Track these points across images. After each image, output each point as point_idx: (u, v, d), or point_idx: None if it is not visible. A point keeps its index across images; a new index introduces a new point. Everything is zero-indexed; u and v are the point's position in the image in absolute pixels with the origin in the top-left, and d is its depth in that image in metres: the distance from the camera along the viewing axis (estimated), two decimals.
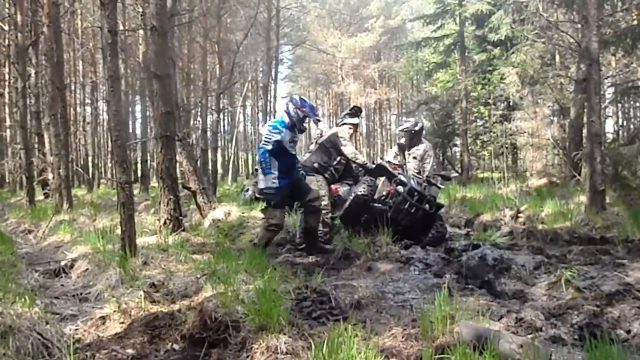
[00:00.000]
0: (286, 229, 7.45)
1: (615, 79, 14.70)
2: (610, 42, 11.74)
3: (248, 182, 14.07)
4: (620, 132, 24.02)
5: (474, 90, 22.11)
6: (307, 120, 6.10)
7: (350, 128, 6.97)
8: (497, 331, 2.71)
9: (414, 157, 7.79)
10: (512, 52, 16.60)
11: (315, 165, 6.60)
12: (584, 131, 12.57)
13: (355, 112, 7.33)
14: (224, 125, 36.06)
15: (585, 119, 11.01)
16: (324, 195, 6.55)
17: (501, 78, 17.75)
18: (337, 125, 7.44)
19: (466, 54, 22.61)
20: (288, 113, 5.90)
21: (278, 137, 5.75)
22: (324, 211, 6.46)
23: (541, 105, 16.77)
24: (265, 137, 5.76)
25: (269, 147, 5.72)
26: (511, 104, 19.02)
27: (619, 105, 23.61)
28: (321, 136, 6.96)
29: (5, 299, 3.00)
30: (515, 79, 15.89)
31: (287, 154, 5.90)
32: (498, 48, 20.55)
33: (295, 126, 5.93)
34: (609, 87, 15.78)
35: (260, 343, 2.81)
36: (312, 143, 7.26)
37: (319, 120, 6.52)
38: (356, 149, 7.43)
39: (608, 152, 8.75)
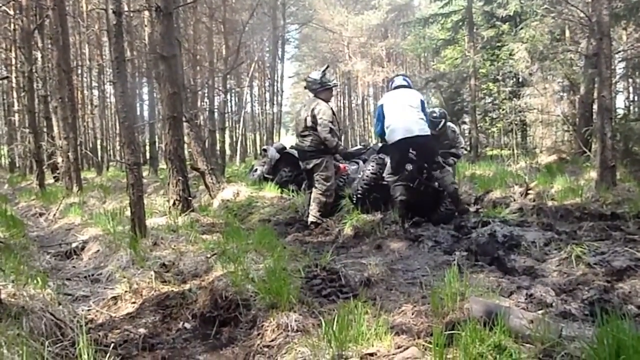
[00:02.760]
0: (295, 208, 7.48)
1: (626, 53, 14.40)
2: (621, 15, 11.49)
3: (256, 162, 14.05)
4: (632, 107, 23.75)
5: (482, 66, 21.79)
6: None
7: (330, 98, 6.83)
8: (508, 307, 2.70)
9: None
10: (521, 28, 16.30)
11: (322, 147, 6.54)
12: (594, 107, 12.41)
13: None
14: (231, 106, 35.93)
15: (595, 95, 10.87)
16: (330, 176, 6.56)
17: (510, 54, 17.48)
18: (309, 87, 6.82)
19: (474, 30, 22.23)
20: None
21: None
22: (327, 192, 6.51)
23: (551, 81, 16.54)
24: None
25: None
26: (520, 80, 18.77)
27: (630, 80, 23.27)
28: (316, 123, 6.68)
29: (18, 280, 3.04)
30: (525, 55, 15.64)
31: None
32: (507, 24, 20.18)
33: None
34: (619, 61, 15.47)
35: (271, 321, 2.84)
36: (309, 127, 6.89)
37: None
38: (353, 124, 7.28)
39: (619, 128, 8.65)
